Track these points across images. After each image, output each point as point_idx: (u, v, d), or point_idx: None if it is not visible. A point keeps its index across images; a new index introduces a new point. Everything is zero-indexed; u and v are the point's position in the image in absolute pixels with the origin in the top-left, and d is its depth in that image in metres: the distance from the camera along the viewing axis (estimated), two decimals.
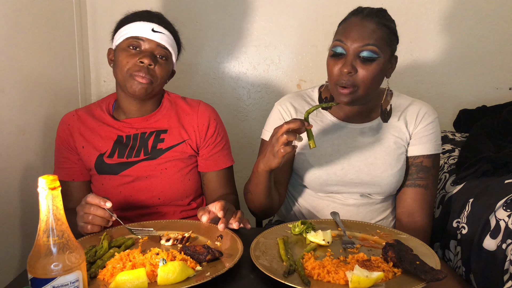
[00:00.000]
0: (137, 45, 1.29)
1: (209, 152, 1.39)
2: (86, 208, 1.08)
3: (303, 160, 1.32)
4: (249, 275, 0.94)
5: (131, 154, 1.33)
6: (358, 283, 0.83)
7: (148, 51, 1.29)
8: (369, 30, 1.17)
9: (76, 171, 1.37)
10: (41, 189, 0.69)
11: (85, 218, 1.08)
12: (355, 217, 1.32)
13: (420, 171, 1.28)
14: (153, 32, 1.29)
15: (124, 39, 1.30)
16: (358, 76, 1.17)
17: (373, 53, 1.17)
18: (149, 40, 1.29)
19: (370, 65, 1.17)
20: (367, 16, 1.19)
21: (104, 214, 1.08)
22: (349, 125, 1.32)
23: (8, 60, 1.39)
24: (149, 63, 1.27)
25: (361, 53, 1.17)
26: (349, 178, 1.29)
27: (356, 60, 1.17)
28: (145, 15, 1.33)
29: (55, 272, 0.69)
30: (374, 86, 1.21)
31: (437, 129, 1.31)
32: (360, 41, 1.16)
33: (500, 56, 2.01)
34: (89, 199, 1.08)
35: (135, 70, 1.26)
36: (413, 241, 1.05)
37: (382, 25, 1.19)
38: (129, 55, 1.28)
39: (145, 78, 1.27)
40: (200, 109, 1.40)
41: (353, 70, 1.17)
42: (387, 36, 1.20)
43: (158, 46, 1.30)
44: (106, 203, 1.07)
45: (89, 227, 1.08)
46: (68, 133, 1.36)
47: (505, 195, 1.16)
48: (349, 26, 1.20)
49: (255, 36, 2.03)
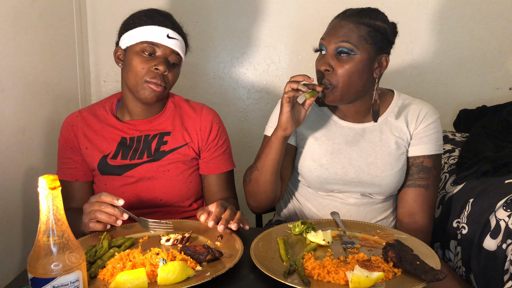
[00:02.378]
0: (151, 51, 1.27)
1: (210, 156, 1.39)
2: (96, 206, 1.08)
3: (304, 158, 1.33)
4: (249, 275, 0.94)
5: (134, 156, 1.33)
6: (358, 283, 0.83)
7: (162, 57, 1.28)
8: (345, 29, 1.21)
9: (80, 171, 1.36)
10: (41, 189, 0.69)
11: (92, 215, 1.08)
12: (356, 216, 1.32)
13: (421, 171, 1.28)
14: (168, 39, 1.28)
15: (138, 43, 1.28)
16: (335, 74, 1.21)
17: (348, 50, 1.19)
18: (164, 46, 1.28)
19: (346, 62, 1.19)
20: (347, 16, 1.23)
21: (114, 212, 1.08)
22: (350, 125, 1.32)
23: (8, 60, 1.39)
24: (164, 70, 1.27)
25: (336, 50, 1.20)
26: (350, 177, 1.29)
27: (333, 58, 1.21)
28: (160, 18, 1.31)
29: (55, 272, 0.69)
30: (354, 83, 1.21)
31: (438, 129, 1.31)
32: (335, 39, 1.20)
33: (500, 56, 2.00)
34: (103, 197, 1.09)
35: (150, 76, 1.26)
36: (413, 241, 1.05)
37: (361, 23, 1.20)
38: (144, 61, 1.26)
39: (159, 86, 1.27)
40: (203, 112, 1.40)
41: (330, 68, 1.21)
42: (366, 34, 1.20)
43: (172, 53, 1.29)
44: (119, 201, 1.08)
45: (91, 225, 1.08)
46: (72, 134, 1.35)
47: (505, 195, 1.16)
48: (329, 26, 1.27)
49: (255, 36, 2.03)
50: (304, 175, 1.34)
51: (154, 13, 1.33)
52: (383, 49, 1.24)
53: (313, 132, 1.33)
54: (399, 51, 2.01)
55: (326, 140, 1.32)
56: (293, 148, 1.36)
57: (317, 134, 1.33)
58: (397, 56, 2.00)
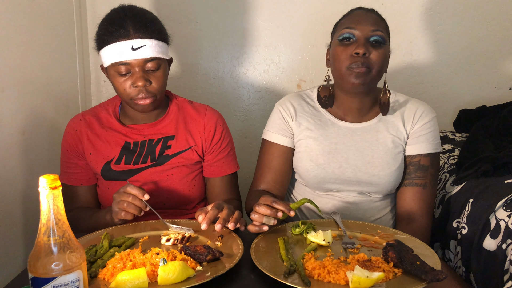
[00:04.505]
0: (125, 70, 1.21)
1: (214, 158, 1.38)
2: (125, 196, 1.11)
3: (302, 158, 1.34)
4: (249, 275, 0.94)
5: (138, 161, 1.33)
6: (359, 283, 0.83)
7: (138, 71, 1.21)
8: (375, 19, 1.26)
9: (84, 176, 1.36)
10: (42, 188, 0.69)
11: (121, 205, 1.11)
12: (355, 213, 1.33)
13: (418, 170, 1.29)
14: (134, 51, 1.20)
15: (110, 65, 1.23)
16: (371, 58, 1.23)
17: (382, 38, 1.24)
18: (133, 61, 1.20)
19: (380, 49, 1.24)
20: (369, 10, 1.30)
21: (141, 204, 1.11)
22: (347, 124, 1.34)
23: (8, 60, 1.39)
24: (144, 85, 1.21)
25: (371, 38, 1.23)
26: (347, 176, 1.30)
27: (367, 45, 1.23)
28: (119, 30, 1.21)
29: (55, 271, 0.69)
30: (382, 71, 1.27)
31: (434, 128, 1.32)
32: (370, 27, 1.24)
33: (500, 56, 2.01)
34: (129, 189, 1.12)
35: (134, 94, 1.23)
36: (413, 241, 1.05)
37: (382, 19, 1.29)
38: (122, 81, 1.23)
39: (146, 99, 1.24)
40: (207, 114, 1.39)
41: (368, 51, 1.22)
42: (387, 29, 1.29)
43: (145, 62, 1.22)
44: (144, 195, 1.11)
45: (123, 214, 1.12)
46: (76, 139, 1.34)
47: (505, 195, 1.16)
48: (356, 16, 1.28)
49: (255, 36, 2.03)
50: (302, 175, 1.35)
51: (111, 23, 1.23)
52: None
53: (310, 132, 1.34)
54: (399, 51, 2.01)
55: (323, 140, 1.33)
56: (292, 151, 1.37)
57: (314, 134, 1.34)
58: (397, 56, 2.01)
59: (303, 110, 1.37)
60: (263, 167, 1.38)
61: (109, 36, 1.22)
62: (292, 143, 1.37)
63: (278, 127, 1.37)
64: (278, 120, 1.37)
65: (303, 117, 1.36)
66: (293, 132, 1.36)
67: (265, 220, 1.05)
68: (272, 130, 1.38)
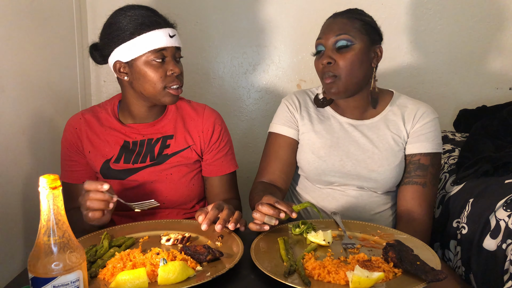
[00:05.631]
0: (161, 57, 1.24)
1: (213, 157, 1.39)
2: (86, 196, 1.06)
3: (304, 151, 1.37)
4: (249, 275, 0.94)
5: (137, 160, 1.33)
6: (359, 284, 0.83)
7: (172, 59, 1.26)
8: (340, 24, 1.27)
9: (85, 173, 1.36)
10: (42, 188, 0.69)
11: (86, 205, 1.06)
12: (355, 207, 1.34)
13: (418, 169, 1.30)
14: (171, 38, 1.25)
15: (146, 53, 1.23)
16: (338, 66, 1.25)
17: (347, 41, 1.25)
18: (171, 48, 1.26)
19: (346, 52, 1.25)
20: (338, 15, 1.31)
21: (104, 197, 1.06)
22: (349, 121, 1.37)
23: (8, 60, 1.39)
24: (180, 72, 1.27)
25: (336, 44, 1.26)
26: (347, 169, 1.32)
27: (333, 52, 1.26)
28: (154, 19, 1.25)
29: (55, 271, 0.69)
30: (356, 73, 1.27)
31: (436, 128, 1.33)
32: (333, 34, 1.26)
33: (500, 56, 2.01)
34: (86, 186, 1.06)
35: (169, 82, 1.26)
36: (413, 241, 1.05)
37: (353, 18, 1.28)
38: (158, 69, 1.24)
39: (179, 88, 1.28)
40: (206, 114, 1.39)
41: (332, 60, 1.25)
42: (360, 26, 1.27)
43: (177, 50, 1.29)
44: (103, 186, 1.05)
45: (90, 214, 1.06)
46: (76, 137, 1.34)
47: (505, 195, 1.16)
48: (324, 26, 1.33)
49: (255, 36, 2.03)
50: (303, 167, 1.39)
51: (144, 15, 1.25)
52: (376, 40, 1.31)
53: (313, 126, 1.38)
54: (399, 51, 2.01)
55: (326, 133, 1.37)
56: (297, 143, 1.41)
57: (317, 128, 1.38)
58: (397, 56, 2.01)
59: (307, 105, 1.42)
60: (269, 157, 1.40)
61: (143, 25, 1.23)
62: (297, 135, 1.40)
63: (285, 119, 1.41)
64: (285, 112, 1.42)
65: (307, 111, 1.41)
66: (298, 124, 1.40)
67: (266, 219, 1.05)
68: (279, 123, 1.42)
